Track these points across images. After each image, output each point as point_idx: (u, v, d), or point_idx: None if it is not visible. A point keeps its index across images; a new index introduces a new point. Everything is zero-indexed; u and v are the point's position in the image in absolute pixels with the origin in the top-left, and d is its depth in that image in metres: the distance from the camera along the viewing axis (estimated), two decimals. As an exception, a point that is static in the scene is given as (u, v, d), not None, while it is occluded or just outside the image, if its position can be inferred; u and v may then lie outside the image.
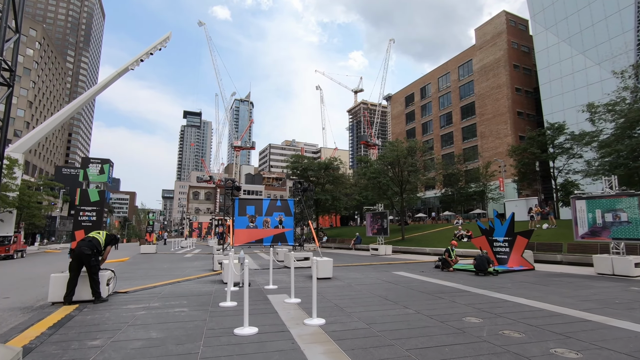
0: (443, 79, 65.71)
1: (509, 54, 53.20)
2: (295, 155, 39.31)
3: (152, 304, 6.72)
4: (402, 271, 12.12)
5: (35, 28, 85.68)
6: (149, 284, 9.50)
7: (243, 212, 13.28)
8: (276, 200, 13.95)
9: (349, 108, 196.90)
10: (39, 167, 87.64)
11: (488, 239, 13.86)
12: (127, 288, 8.63)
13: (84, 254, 6.76)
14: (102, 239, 7.20)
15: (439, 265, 12.91)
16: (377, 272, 12.11)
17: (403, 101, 75.59)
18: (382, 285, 8.98)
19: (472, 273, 11.35)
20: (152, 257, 21.41)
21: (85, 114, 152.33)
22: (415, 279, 10.22)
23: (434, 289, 8.40)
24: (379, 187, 25.85)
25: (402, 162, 24.44)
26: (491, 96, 54.97)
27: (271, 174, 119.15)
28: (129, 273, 12.61)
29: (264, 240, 13.44)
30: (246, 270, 5.16)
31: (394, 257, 18.60)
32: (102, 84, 33.55)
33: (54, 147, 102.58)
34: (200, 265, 15.63)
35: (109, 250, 7.39)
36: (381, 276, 10.91)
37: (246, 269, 5.19)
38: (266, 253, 23.78)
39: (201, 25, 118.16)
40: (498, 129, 53.55)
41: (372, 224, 21.78)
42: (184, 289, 8.55)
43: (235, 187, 12.82)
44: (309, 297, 7.28)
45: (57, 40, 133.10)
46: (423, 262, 15.61)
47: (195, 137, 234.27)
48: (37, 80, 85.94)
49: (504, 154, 51.23)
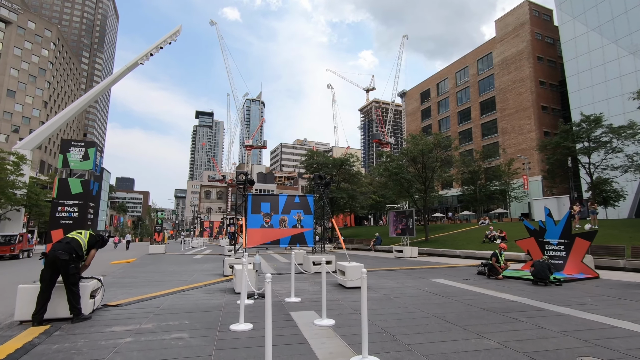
0: (461, 74, 63.24)
1: (532, 45, 50.56)
2: (310, 151, 37.77)
3: (144, 325, 5.20)
4: (441, 278, 10.39)
5: (50, 29, 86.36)
6: (148, 293, 8.04)
7: (257, 209, 11.77)
8: (294, 196, 12.39)
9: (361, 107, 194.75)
10: (55, 166, 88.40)
11: (538, 241, 12.00)
12: (120, 299, 7.17)
13: (59, 260, 5.30)
14: (84, 240, 5.73)
15: (482, 272, 11.14)
16: (412, 279, 10.41)
17: (418, 97, 73.31)
18: (428, 299, 7.30)
19: (528, 282, 9.57)
20: (160, 258, 20.14)
21: (100, 115, 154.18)
22: (464, 289, 8.50)
23: (498, 305, 6.68)
24: (401, 183, 24.06)
25: (427, 156, 22.58)
26: (513, 90, 52.39)
27: (283, 173, 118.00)
28: (131, 277, 11.21)
29: (280, 241, 11.92)
30: (268, 291, 3.56)
31: (422, 261, 16.83)
32: (111, 78, 32.65)
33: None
34: (210, 268, 14.18)
35: (93, 255, 5.92)
36: (420, 285, 9.22)
37: (268, 287, 3.60)
38: (280, 254, 22.27)
39: (213, 25, 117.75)
40: (521, 125, 50.97)
41: (395, 224, 20.03)
42: (188, 302, 7.04)
43: (249, 181, 11.32)
44: (344, 315, 5.67)
45: (72, 42, 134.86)
46: (459, 267, 13.81)
47: (207, 137, 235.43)
48: (52, 81, 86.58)
49: (528, 150, 48.73)
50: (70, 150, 6.19)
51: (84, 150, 6.25)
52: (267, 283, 3.60)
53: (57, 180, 5.99)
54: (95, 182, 6.41)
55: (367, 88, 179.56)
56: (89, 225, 6.20)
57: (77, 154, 6.21)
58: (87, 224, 6.13)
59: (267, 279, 3.65)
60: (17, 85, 76.56)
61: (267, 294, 3.46)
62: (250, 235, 11.37)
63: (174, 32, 34.60)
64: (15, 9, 77.17)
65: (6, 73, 74.59)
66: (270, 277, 3.72)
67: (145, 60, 33.47)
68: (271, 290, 8.33)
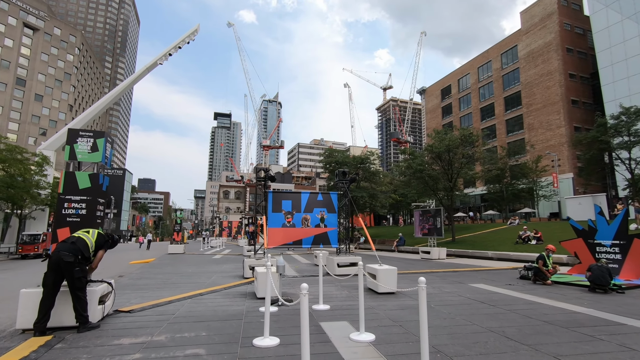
0: (483, 69, 61.02)
1: (561, 36, 48.06)
2: (328, 149, 36.99)
3: (157, 337, 4.56)
4: (481, 283, 9.41)
5: (74, 34, 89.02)
6: (164, 296, 7.47)
7: (278, 207, 11.08)
8: (317, 193, 11.64)
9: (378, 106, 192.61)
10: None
11: (587, 243, 10.81)
12: (133, 304, 6.60)
13: (63, 262, 4.73)
14: (91, 240, 5.16)
15: (525, 276, 10.08)
16: (448, 283, 9.48)
17: (439, 94, 71.34)
18: (475, 308, 6.40)
19: (583, 288, 8.49)
20: (179, 258, 19.83)
21: (123, 117, 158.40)
22: (512, 296, 7.53)
23: (562, 317, 5.72)
24: (425, 181, 22.93)
25: (453, 152, 21.39)
26: (540, 84, 49.98)
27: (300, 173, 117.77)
28: (147, 279, 10.74)
29: (303, 241, 11.19)
30: (305, 305, 2.81)
31: (452, 263, 15.77)
32: (132, 78, 32.91)
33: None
34: (229, 269, 13.62)
35: (101, 256, 5.34)
36: (459, 290, 8.30)
37: (304, 300, 2.85)
38: (300, 255, 21.60)
39: (230, 26, 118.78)
40: (549, 120, 48.54)
41: (421, 223, 18.98)
42: (206, 308, 6.40)
43: (269, 177, 10.65)
44: (383, 328, 4.88)
45: (95, 47, 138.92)
46: (495, 270, 12.72)
47: (226, 138, 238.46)
48: (76, 85, 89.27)
49: (557, 146, 46.35)
50: (78, 141, 5.65)
51: (93, 141, 5.69)
52: (303, 296, 2.86)
53: (63, 174, 5.47)
54: (106, 176, 5.85)
55: (384, 86, 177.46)
56: (99, 224, 5.64)
57: (85, 145, 5.67)
58: (97, 222, 5.57)
59: (304, 290, 2.90)
60: (44, 90, 79.25)
61: (304, 308, 2.71)
62: (271, 235, 10.70)
63: (192, 31, 34.60)
64: (42, 16, 79.90)
65: (34, 78, 77.31)
66: (307, 289, 2.97)
67: (164, 60, 33.58)
68: (294, 294, 7.62)
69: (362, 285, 4.82)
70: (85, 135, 5.68)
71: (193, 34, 34.75)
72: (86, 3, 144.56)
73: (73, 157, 5.63)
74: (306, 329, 2.83)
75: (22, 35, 75.78)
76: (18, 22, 74.90)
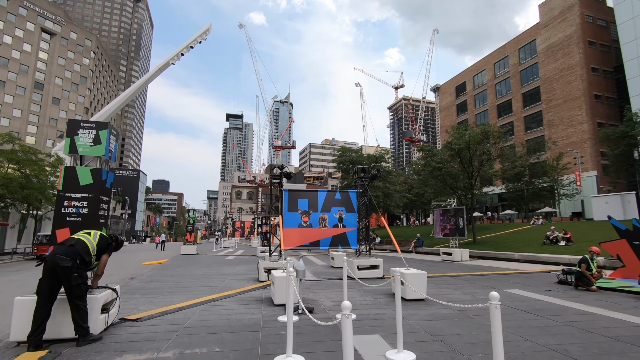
0: (500, 64, 59.35)
1: (582, 29, 46.23)
2: (342, 147, 36.29)
3: (163, 354, 4.00)
4: (516, 289, 8.60)
5: (90, 38, 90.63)
6: (174, 302, 6.95)
7: (294, 206, 10.48)
8: (335, 191, 11.00)
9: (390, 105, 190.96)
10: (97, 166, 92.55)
11: (632, 244, 9.85)
12: (141, 311, 6.08)
13: (59, 267, 4.22)
14: (92, 242, 4.63)
15: (564, 280, 9.22)
16: (479, 288, 8.71)
17: (453, 91, 69.82)
18: (521, 319, 5.66)
19: (634, 295, 7.62)
20: (192, 259, 19.46)
21: (137, 120, 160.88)
22: (560, 305, 6.74)
23: (626, 331, 4.93)
24: (444, 180, 22.01)
25: (473, 149, 20.41)
26: (561, 79, 48.19)
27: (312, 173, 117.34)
28: (158, 281, 10.28)
29: (320, 242, 10.55)
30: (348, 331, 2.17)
31: (477, 265, 14.89)
32: (144, 79, 32.92)
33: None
34: (243, 271, 13.09)
35: (106, 261, 4.80)
36: (495, 297, 7.53)
37: (347, 326, 2.20)
38: (315, 256, 20.98)
39: (242, 28, 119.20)
40: (570, 116, 46.73)
41: (442, 223, 18.11)
42: (219, 317, 5.82)
43: (285, 175, 10.06)
44: (423, 344, 4.20)
45: (110, 52, 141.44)
46: (527, 274, 11.84)
47: (238, 139, 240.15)
48: (92, 88, 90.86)
49: (579, 143, 44.57)
50: (79, 133, 5.14)
51: (95, 133, 5.18)
52: (345, 318, 2.20)
53: (62, 169, 4.97)
54: (110, 172, 5.34)
55: (396, 85, 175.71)
56: (102, 224, 5.13)
57: (87, 137, 5.16)
58: (100, 222, 5.06)
59: (345, 309, 2.25)
60: (61, 93, 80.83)
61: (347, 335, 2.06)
62: (287, 236, 10.10)
63: (204, 30, 34.42)
64: (58, 21, 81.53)
65: (51, 82, 78.92)
66: (350, 308, 2.32)
67: (177, 60, 33.48)
68: (314, 300, 6.99)
69: (399, 294, 4.14)
70: (86, 126, 5.18)
71: (205, 33, 34.58)
72: (101, 8, 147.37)
73: (74, 151, 5.12)
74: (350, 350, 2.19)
75: (39, 40, 77.46)
76: (36, 28, 76.59)
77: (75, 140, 5.12)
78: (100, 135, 5.19)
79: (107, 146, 5.22)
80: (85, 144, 5.15)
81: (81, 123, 5.16)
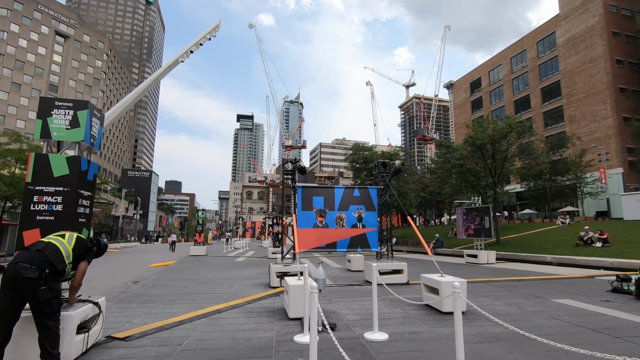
0: (517, 59, 57.35)
1: (606, 19, 44.11)
2: (355, 145, 35.20)
3: (148, 392, 3.07)
4: (566, 298, 7.46)
5: (102, 41, 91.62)
6: (174, 314, 6.07)
7: (308, 205, 9.53)
8: (353, 188, 10.01)
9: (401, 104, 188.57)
10: (109, 170, 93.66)
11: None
12: (134, 327, 5.20)
13: (22, 278, 3.34)
14: (67, 247, 3.75)
15: (619, 288, 8.03)
16: (523, 298, 7.58)
17: (467, 87, 67.96)
18: (592, 339, 4.58)
19: None
20: (200, 261, 18.70)
21: (150, 121, 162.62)
22: (630, 321, 5.60)
23: None
24: (464, 177, 20.73)
25: (498, 144, 19.08)
26: (583, 72, 46.10)
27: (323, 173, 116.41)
28: (161, 287, 9.45)
29: (337, 244, 9.59)
30: None
31: (506, 269, 13.68)
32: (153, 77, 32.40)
33: (122, 153, 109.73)
34: (253, 275, 12.20)
35: (84, 270, 3.91)
36: (547, 309, 6.43)
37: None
38: (329, 257, 19.99)
39: (252, 28, 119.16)
40: (593, 111, 44.62)
41: (465, 223, 16.91)
42: (223, 334, 4.90)
43: (299, 169, 9.12)
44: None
45: (123, 54, 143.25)
46: (568, 279, 10.61)
47: (248, 139, 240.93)
48: (105, 90, 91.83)
49: (603, 139, 42.46)
50: (53, 114, 4.28)
51: (72, 114, 4.31)
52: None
53: (32, 157, 4.11)
54: (93, 162, 4.46)
55: (407, 84, 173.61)
56: (82, 224, 4.26)
57: (63, 118, 4.28)
58: (79, 222, 4.20)
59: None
60: (74, 95, 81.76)
61: None
62: (301, 237, 9.15)
63: (213, 27, 33.65)
64: (72, 24, 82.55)
65: (65, 84, 79.92)
66: None
67: (186, 57, 32.81)
68: (334, 312, 6.01)
69: (459, 316, 3.13)
70: (62, 105, 4.29)
71: (214, 30, 33.82)
72: (114, 11, 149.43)
73: (46, 135, 4.24)
74: None
75: (53, 43, 78.50)
76: (50, 31, 77.65)
77: (49, 123, 4.25)
78: (79, 117, 4.31)
79: (87, 130, 4.34)
80: (61, 127, 4.27)
81: (55, 101, 4.29)
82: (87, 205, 4.38)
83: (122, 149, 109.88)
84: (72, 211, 4.09)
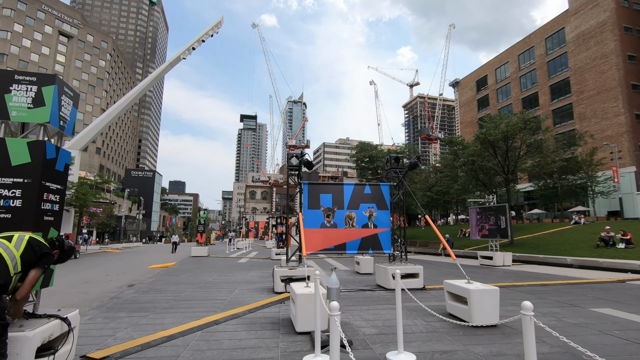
0: (525, 56, 56.24)
1: (617, 14, 42.98)
2: (360, 143, 34.40)
3: None
4: (606, 307, 6.65)
5: (106, 41, 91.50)
6: (165, 325, 5.34)
7: (316, 203, 8.78)
8: (363, 185, 9.24)
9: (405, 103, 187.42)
10: (112, 170, 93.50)
11: None
12: (116, 344, 4.47)
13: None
14: (12, 252, 2.98)
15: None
16: (558, 307, 6.78)
17: (474, 85, 66.90)
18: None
19: None
20: (201, 262, 18.02)
21: (153, 122, 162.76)
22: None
23: None
24: (476, 175, 19.88)
25: (511, 140, 18.21)
26: (593, 68, 44.98)
27: (326, 173, 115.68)
28: (156, 292, 8.74)
29: (347, 245, 8.83)
30: None
31: (525, 272, 12.84)
32: (155, 74, 31.94)
33: (126, 153, 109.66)
34: (256, 278, 11.47)
35: (34, 279, 3.11)
36: (589, 321, 5.64)
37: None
38: (335, 259, 19.22)
39: (255, 27, 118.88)
40: (604, 108, 43.49)
41: (479, 223, 16.08)
42: (219, 353, 4.16)
43: (305, 163, 8.39)
44: None
45: (127, 55, 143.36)
46: (598, 284, 9.79)
47: (252, 139, 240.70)
48: (108, 90, 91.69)
49: (615, 137, 41.33)
50: (12, 90, 3.55)
51: (36, 89, 3.57)
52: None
53: (-16, 141, 3.35)
54: (63, 149, 3.72)
55: (410, 83, 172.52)
56: (48, 223, 3.54)
57: (24, 95, 3.56)
58: (44, 221, 3.47)
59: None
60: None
61: None
62: (308, 238, 8.40)
63: (215, 23, 33.18)
64: (76, 24, 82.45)
65: (69, 84, 79.76)
66: None
67: (188, 54, 32.37)
68: (348, 324, 5.22)
69: (532, 347, 2.37)
70: (23, 80, 3.56)
71: (217, 26, 33.34)
72: (118, 12, 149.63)
73: (4, 115, 3.51)
74: None
75: (57, 43, 78.41)
76: (54, 31, 77.55)
77: (6, 100, 3.51)
78: (44, 93, 3.56)
79: (55, 109, 3.61)
80: (21, 105, 3.53)
81: (15, 74, 3.57)
82: (56, 200, 3.65)
83: (126, 149, 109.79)
84: (34, 207, 3.35)
